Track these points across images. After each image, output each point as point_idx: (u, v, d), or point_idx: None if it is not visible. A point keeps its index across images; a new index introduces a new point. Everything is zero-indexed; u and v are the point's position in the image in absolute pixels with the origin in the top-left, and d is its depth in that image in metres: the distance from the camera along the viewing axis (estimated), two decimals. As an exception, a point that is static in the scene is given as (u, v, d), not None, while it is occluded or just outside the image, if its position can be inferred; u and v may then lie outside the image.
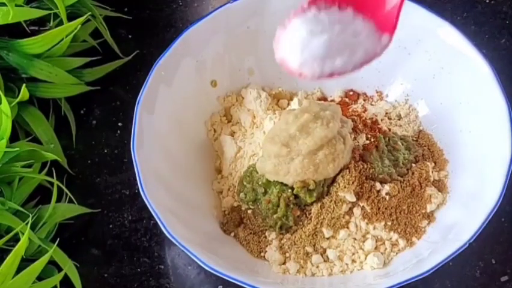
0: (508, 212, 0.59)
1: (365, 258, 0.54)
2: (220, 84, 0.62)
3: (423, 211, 0.56)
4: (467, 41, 0.56)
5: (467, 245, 0.49)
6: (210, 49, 0.60)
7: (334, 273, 0.54)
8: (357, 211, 0.54)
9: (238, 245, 0.56)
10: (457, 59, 0.57)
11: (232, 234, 0.57)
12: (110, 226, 0.60)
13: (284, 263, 0.55)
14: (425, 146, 0.60)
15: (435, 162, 0.59)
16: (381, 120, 0.61)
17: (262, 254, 0.55)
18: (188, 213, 0.55)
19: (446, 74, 0.58)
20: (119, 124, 0.65)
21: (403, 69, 0.61)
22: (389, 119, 0.62)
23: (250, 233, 0.56)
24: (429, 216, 0.56)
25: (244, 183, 0.57)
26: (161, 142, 0.56)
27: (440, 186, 0.57)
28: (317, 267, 0.54)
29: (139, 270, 0.58)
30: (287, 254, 0.55)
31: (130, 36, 0.70)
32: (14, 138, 0.58)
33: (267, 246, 0.55)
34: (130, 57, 0.67)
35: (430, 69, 0.59)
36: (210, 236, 0.55)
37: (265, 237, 0.56)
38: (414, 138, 0.61)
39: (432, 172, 0.58)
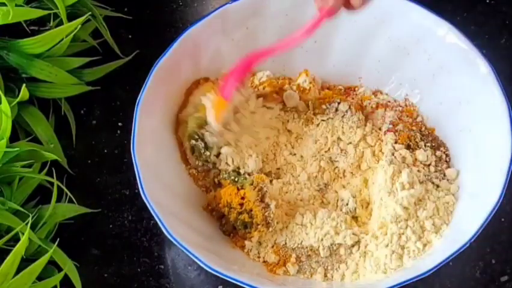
0: (507, 211, 0.59)
1: (364, 261, 0.54)
2: (220, 84, 0.62)
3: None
4: (467, 40, 0.56)
5: (468, 244, 0.49)
6: (209, 49, 0.60)
7: (332, 275, 0.54)
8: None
9: (237, 246, 0.56)
10: (456, 59, 0.57)
11: (231, 234, 0.56)
12: (110, 226, 0.60)
13: (284, 264, 0.54)
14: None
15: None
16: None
17: (260, 255, 0.55)
18: (188, 213, 0.55)
19: (446, 73, 0.58)
20: (119, 124, 0.65)
21: (403, 69, 0.61)
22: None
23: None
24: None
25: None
26: (161, 142, 0.56)
27: (440, 186, 0.57)
28: (312, 266, 0.54)
29: (139, 270, 0.58)
30: (285, 255, 0.55)
31: (130, 36, 0.70)
32: (14, 138, 0.58)
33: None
34: (130, 57, 0.67)
35: (430, 69, 0.59)
36: (210, 237, 0.55)
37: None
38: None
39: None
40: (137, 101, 0.54)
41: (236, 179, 0.56)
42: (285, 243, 0.55)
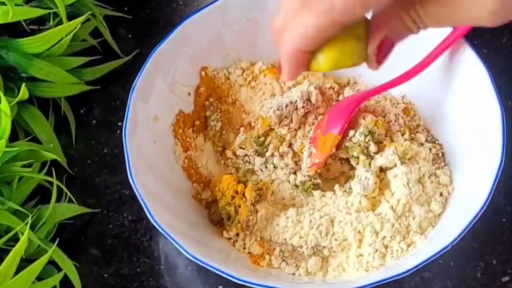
0: (509, 212, 0.59)
1: (347, 257, 0.54)
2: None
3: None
4: (465, 40, 0.56)
5: (449, 247, 0.49)
6: (208, 40, 0.60)
7: (315, 271, 0.54)
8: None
9: (223, 236, 0.56)
10: (453, 59, 0.57)
11: (218, 225, 0.56)
12: (110, 226, 0.60)
13: (268, 257, 0.54)
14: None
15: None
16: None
17: (246, 246, 0.55)
18: (176, 201, 0.55)
19: (443, 74, 0.58)
20: (119, 124, 0.65)
21: (400, 69, 0.61)
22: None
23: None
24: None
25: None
26: (155, 132, 0.56)
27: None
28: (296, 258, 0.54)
29: (138, 270, 0.58)
30: (270, 248, 0.54)
31: (130, 36, 0.70)
32: (13, 137, 0.58)
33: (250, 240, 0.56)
34: (130, 56, 0.67)
35: (427, 69, 0.59)
36: (196, 225, 0.55)
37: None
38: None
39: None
40: (131, 88, 0.54)
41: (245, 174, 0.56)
42: (270, 238, 0.55)
